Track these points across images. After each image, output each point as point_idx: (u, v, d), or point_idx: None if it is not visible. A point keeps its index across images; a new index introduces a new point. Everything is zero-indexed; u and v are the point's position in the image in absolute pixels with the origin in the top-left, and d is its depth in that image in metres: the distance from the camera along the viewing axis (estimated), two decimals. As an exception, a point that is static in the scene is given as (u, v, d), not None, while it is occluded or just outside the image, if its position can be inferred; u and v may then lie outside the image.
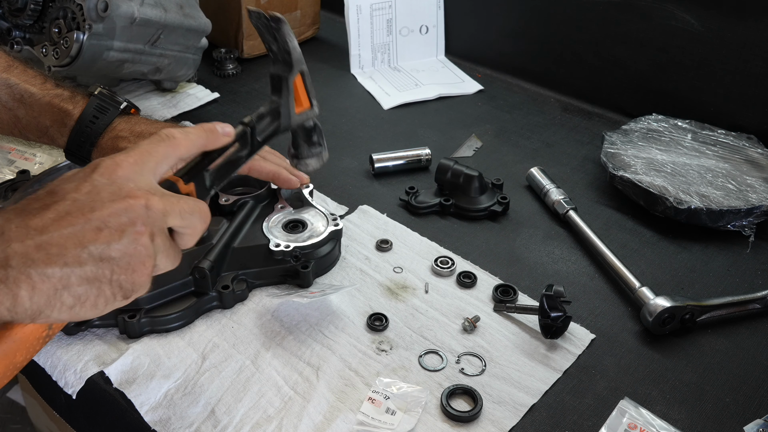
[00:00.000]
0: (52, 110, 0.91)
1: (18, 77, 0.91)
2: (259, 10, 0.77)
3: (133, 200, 0.54)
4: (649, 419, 0.73)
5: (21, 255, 0.50)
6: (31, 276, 0.49)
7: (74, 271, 0.51)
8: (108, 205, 0.53)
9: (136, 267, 0.54)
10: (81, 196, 0.53)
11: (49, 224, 0.51)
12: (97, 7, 1.04)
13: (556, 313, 0.81)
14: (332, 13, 1.63)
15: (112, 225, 0.53)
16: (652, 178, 1.04)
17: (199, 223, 0.60)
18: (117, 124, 0.91)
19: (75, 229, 0.52)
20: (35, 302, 0.50)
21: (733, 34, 1.16)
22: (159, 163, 0.59)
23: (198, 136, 0.64)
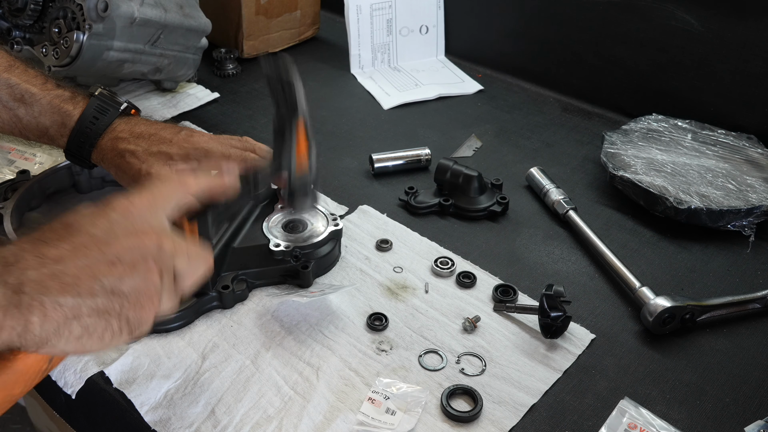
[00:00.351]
0: (53, 111, 0.91)
1: (19, 77, 0.91)
2: (274, 60, 0.81)
3: (146, 238, 0.56)
4: (649, 419, 0.73)
5: (35, 282, 0.50)
6: (44, 303, 0.50)
7: (86, 302, 0.52)
8: (122, 241, 0.55)
9: (144, 303, 0.55)
10: (97, 231, 0.55)
11: (64, 255, 0.53)
12: (97, 7, 1.04)
13: (556, 312, 0.81)
14: (332, 13, 1.63)
15: (125, 260, 0.54)
16: (652, 178, 1.04)
17: (201, 268, 0.62)
18: (117, 125, 0.91)
19: (90, 261, 0.53)
20: (45, 330, 0.50)
21: (733, 34, 1.16)
22: (170, 205, 0.62)
23: (207, 184, 0.68)
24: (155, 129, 0.91)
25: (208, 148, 0.89)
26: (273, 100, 0.83)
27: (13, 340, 0.49)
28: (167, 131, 0.91)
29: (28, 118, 0.91)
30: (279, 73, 0.80)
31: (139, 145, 0.89)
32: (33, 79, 0.92)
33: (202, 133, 0.93)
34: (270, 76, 0.82)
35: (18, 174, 1.00)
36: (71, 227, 0.55)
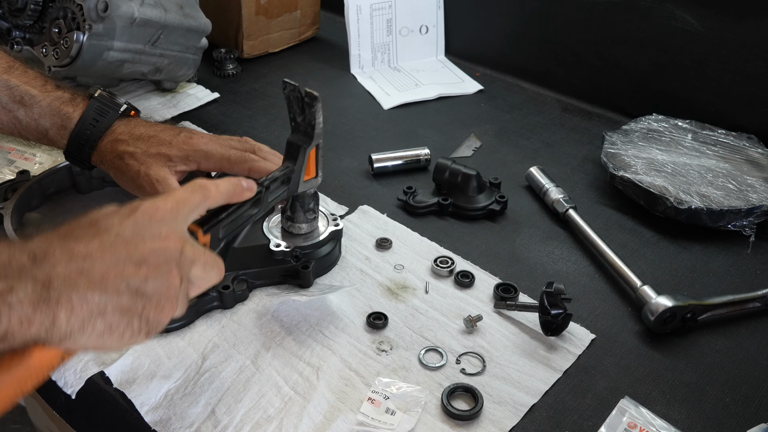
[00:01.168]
0: (52, 113, 0.91)
1: (18, 79, 0.91)
2: (296, 84, 0.81)
3: (170, 243, 0.57)
4: (649, 419, 0.73)
5: (64, 278, 0.51)
6: (71, 298, 0.51)
7: (111, 300, 0.53)
8: (148, 244, 0.56)
9: (164, 306, 0.57)
10: (125, 232, 0.56)
11: (93, 252, 0.54)
12: (97, 7, 1.04)
13: (556, 310, 0.81)
14: (332, 13, 1.63)
15: (150, 262, 0.56)
16: (653, 178, 1.04)
17: (214, 277, 0.63)
18: (116, 127, 0.91)
19: (117, 260, 0.54)
20: (71, 325, 0.51)
21: (733, 34, 1.16)
22: (192, 212, 0.63)
23: (227, 189, 0.68)
24: (155, 131, 0.91)
25: (208, 150, 0.89)
26: (290, 116, 0.84)
27: (40, 334, 0.50)
28: (167, 133, 0.91)
29: (27, 120, 0.91)
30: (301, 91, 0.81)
31: (138, 147, 0.89)
32: (33, 81, 0.92)
33: (202, 134, 0.93)
34: (290, 97, 0.82)
35: (18, 174, 1.00)
36: (99, 226, 0.56)
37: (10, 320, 0.48)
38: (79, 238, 0.55)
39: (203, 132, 0.97)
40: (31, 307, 0.49)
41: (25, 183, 0.96)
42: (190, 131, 0.93)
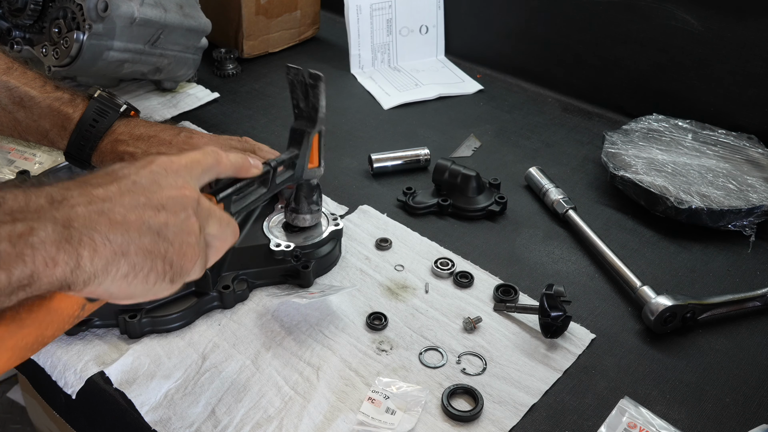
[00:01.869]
0: (52, 114, 0.91)
1: (18, 80, 0.91)
2: (298, 67, 0.81)
3: (188, 192, 0.58)
4: (649, 418, 0.73)
5: (84, 218, 0.51)
6: (93, 238, 0.50)
7: (134, 240, 0.53)
8: (166, 191, 0.56)
9: (187, 251, 0.56)
10: (142, 179, 0.56)
11: (112, 195, 0.54)
12: (97, 7, 1.04)
13: (556, 312, 0.81)
14: (332, 13, 1.63)
15: (169, 208, 0.56)
16: (653, 178, 1.04)
17: (230, 236, 0.63)
18: (116, 128, 0.91)
19: (137, 203, 0.54)
20: (95, 265, 0.50)
21: (733, 34, 1.16)
22: (204, 173, 0.63)
23: (236, 160, 0.69)
24: (155, 131, 0.91)
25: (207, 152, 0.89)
26: (293, 103, 0.84)
27: (66, 276, 0.49)
28: (166, 133, 0.91)
29: (27, 121, 0.91)
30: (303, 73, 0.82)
31: (138, 147, 0.89)
32: (32, 82, 0.92)
33: (201, 134, 0.93)
34: (294, 82, 0.83)
35: (18, 174, 1.00)
36: (116, 173, 0.56)
37: (34, 261, 0.47)
38: (97, 184, 0.54)
39: (203, 132, 0.97)
40: (54, 247, 0.48)
41: (25, 183, 0.96)
42: (190, 131, 0.93)
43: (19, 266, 0.46)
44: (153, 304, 0.82)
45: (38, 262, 0.47)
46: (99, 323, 0.82)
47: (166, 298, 0.83)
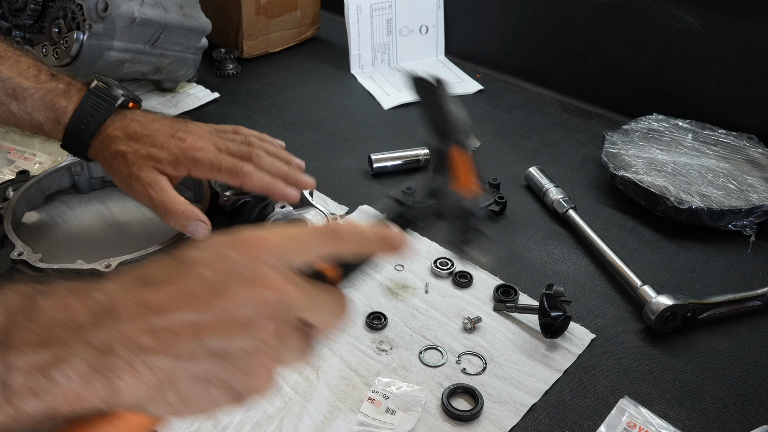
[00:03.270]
0: (46, 106, 0.86)
1: (10, 69, 0.86)
2: (424, 76, 0.70)
3: (266, 291, 0.46)
4: (649, 418, 0.73)
5: (129, 339, 0.43)
6: (135, 365, 0.43)
7: (183, 365, 0.44)
8: (236, 292, 0.46)
9: (254, 369, 0.46)
10: (210, 275, 0.46)
11: (167, 304, 0.45)
12: (97, 7, 1.04)
13: (556, 312, 0.81)
14: (332, 13, 1.63)
15: (236, 316, 0.45)
16: (653, 178, 1.04)
17: (337, 320, 0.51)
18: (111, 123, 0.86)
19: (195, 315, 0.45)
20: (135, 394, 0.43)
21: (733, 34, 1.16)
22: (306, 254, 0.50)
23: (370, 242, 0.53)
24: (150, 129, 0.85)
25: (198, 158, 0.83)
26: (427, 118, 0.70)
27: (98, 406, 0.42)
28: (161, 133, 0.85)
29: (21, 113, 0.86)
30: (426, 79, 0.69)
31: (130, 147, 0.84)
32: (26, 71, 0.86)
33: (199, 134, 0.87)
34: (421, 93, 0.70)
35: (18, 174, 1.00)
36: (182, 266, 0.47)
37: (54, 398, 0.41)
38: (156, 283, 0.45)
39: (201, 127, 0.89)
40: (81, 382, 0.41)
41: (25, 183, 0.96)
42: (186, 130, 0.87)
43: (29, 401, 0.40)
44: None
45: (58, 399, 0.41)
46: (99, 323, 0.82)
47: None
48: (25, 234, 0.96)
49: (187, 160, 0.83)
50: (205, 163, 0.83)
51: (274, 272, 0.47)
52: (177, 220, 0.81)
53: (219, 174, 0.84)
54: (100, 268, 0.81)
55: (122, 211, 1.02)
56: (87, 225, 0.99)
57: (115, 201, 1.04)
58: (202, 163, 0.83)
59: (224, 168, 0.84)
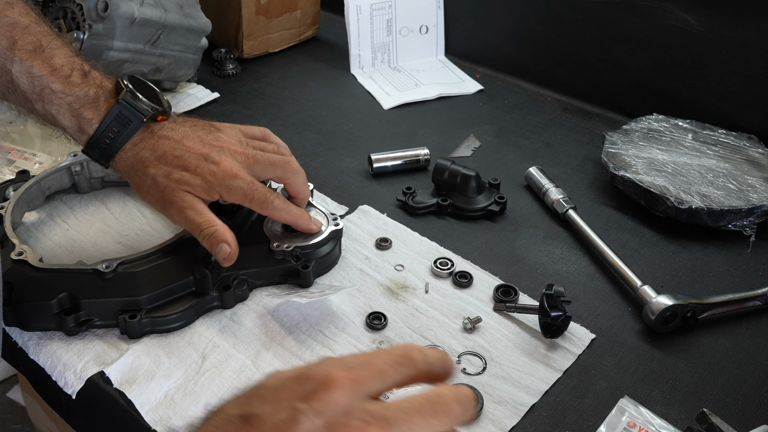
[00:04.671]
0: (72, 114, 0.82)
1: (42, 66, 0.80)
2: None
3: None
4: (649, 418, 0.73)
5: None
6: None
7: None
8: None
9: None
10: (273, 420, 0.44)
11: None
12: (97, 7, 1.04)
13: (556, 312, 0.81)
14: (332, 13, 1.63)
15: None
16: (653, 178, 1.04)
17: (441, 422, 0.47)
18: (138, 141, 0.82)
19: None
20: None
21: (733, 34, 1.16)
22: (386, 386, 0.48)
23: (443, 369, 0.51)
24: (181, 150, 0.82)
25: (232, 187, 0.82)
26: None
27: None
28: (193, 155, 0.82)
29: (44, 113, 0.83)
30: None
31: (160, 169, 0.81)
32: (59, 70, 0.81)
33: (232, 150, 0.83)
34: None
35: (18, 174, 1.00)
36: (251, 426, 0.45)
37: None
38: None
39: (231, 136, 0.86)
40: None
41: (25, 183, 0.96)
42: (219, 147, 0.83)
43: None
44: (153, 305, 0.82)
45: None
46: (99, 323, 0.82)
47: (166, 299, 0.83)
48: (25, 234, 0.96)
49: (221, 188, 0.82)
50: (238, 192, 0.82)
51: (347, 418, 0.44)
52: (207, 242, 0.82)
53: (250, 203, 0.84)
54: (100, 268, 0.81)
55: (122, 211, 1.02)
56: (87, 225, 0.99)
57: (115, 201, 1.04)
58: (235, 192, 0.82)
59: (256, 199, 0.83)
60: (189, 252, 0.85)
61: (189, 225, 0.82)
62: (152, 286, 0.82)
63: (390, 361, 0.48)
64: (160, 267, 0.83)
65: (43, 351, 0.81)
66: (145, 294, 0.81)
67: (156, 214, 1.01)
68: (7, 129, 1.14)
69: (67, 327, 0.81)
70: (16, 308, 0.80)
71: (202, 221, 0.81)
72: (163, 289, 0.83)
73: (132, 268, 0.82)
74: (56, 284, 0.81)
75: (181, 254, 0.85)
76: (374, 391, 0.46)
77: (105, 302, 0.81)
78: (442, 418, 0.46)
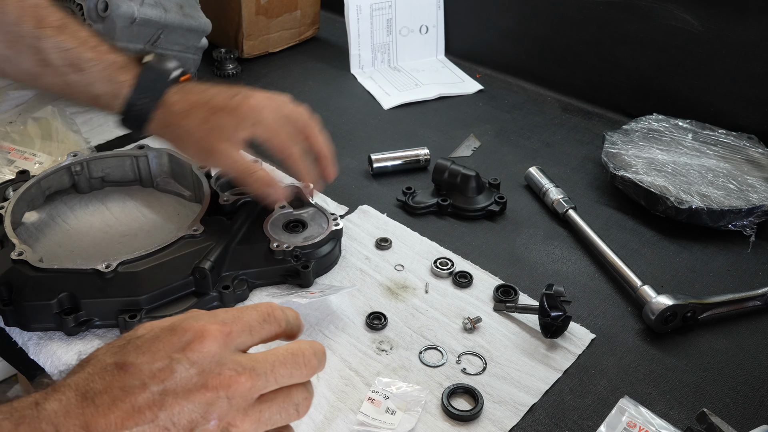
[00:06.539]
0: (105, 80, 0.86)
1: (71, 40, 0.85)
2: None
3: (212, 393, 0.47)
4: (649, 418, 0.73)
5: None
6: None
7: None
8: (182, 398, 0.46)
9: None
10: (156, 386, 0.46)
11: (115, 426, 0.44)
12: (97, 7, 1.04)
13: (556, 312, 0.81)
14: (332, 13, 1.63)
15: (181, 424, 0.46)
16: (653, 178, 1.04)
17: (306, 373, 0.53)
18: (169, 97, 0.86)
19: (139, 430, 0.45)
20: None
21: (733, 34, 1.16)
22: (254, 341, 0.53)
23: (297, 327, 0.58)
24: (208, 96, 0.87)
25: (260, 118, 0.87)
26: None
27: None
28: (221, 97, 0.87)
29: (78, 85, 0.86)
30: None
31: (194, 116, 0.85)
32: (86, 41, 0.85)
33: (257, 94, 0.90)
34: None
35: (18, 174, 1.00)
36: (127, 374, 0.46)
37: None
38: (98, 399, 0.45)
39: (259, 92, 0.92)
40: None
41: (25, 183, 0.96)
42: (246, 92, 0.89)
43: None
44: (153, 305, 0.82)
45: None
46: (99, 323, 0.82)
47: (166, 298, 0.83)
48: (25, 234, 0.96)
49: (251, 117, 0.86)
50: (267, 122, 0.87)
51: (222, 365, 0.48)
52: (255, 185, 0.88)
53: (276, 139, 0.88)
54: (100, 268, 0.81)
55: (122, 211, 1.02)
56: (87, 225, 0.99)
57: (115, 201, 1.04)
58: (263, 122, 0.87)
59: (282, 137, 0.88)
60: (189, 252, 0.85)
61: (234, 170, 0.88)
62: (152, 286, 0.82)
63: (258, 317, 0.53)
64: (160, 267, 0.83)
65: (43, 351, 0.81)
66: (145, 294, 0.81)
67: (156, 214, 1.01)
68: (7, 129, 1.14)
69: (67, 327, 0.81)
70: (16, 308, 0.80)
71: (247, 168, 0.87)
72: (163, 289, 0.83)
73: (132, 268, 0.82)
74: (56, 284, 0.80)
75: (181, 254, 0.85)
76: (243, 344, 0.51)
77: (105, 302, 0.81)
78: (302, 369, 0.52)
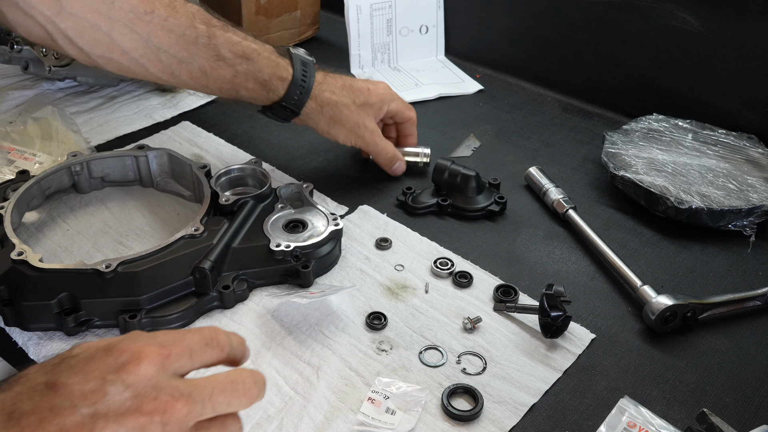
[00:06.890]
0: (271, 65, 0.97)
1: (236, 35, 0.96)
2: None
3: (146, 417, 0.45)
4: (649, 418, 0.73)
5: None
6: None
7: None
8: (113, 422, 0.44)
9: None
10: (86, 408, 0.44)
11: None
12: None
13: (556, 312, 0.81)
14: (332, 13, 1.63)
15: None
16: (653, 178, 1.04)
17: (244, 401, 0.52)
18: (320, 78, 1.01)
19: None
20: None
21: (733, 34, 1.16)
22: (194, 366, 0.51)
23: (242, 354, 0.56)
24: (347, 81, 1.04)
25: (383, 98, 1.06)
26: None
27: None
28: (355, 81, 1.05)
29: (248, 73, 0.96)
30: None
31: (346, 97, 1.01)
32: (246, 35, 0.98)
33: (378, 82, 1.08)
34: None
35: (18, 174, 1.00)
36: (56, 397, 0.44)
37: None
38: (24, 420, 0.43)
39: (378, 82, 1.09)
40: None
41: (24, 183, 0.96)
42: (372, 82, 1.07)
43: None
44: (153, 304, 0.82)
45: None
46: (99, 323, 0.82)
47: (166, 298, 0.83)
48: (25, 234, 0.96)
49: (383, 101, 1.06)
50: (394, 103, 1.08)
51: (157, 389, 0.46)
52: (388, 161, 1.08)
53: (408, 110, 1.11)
54: (100, 268, 0.81)
55: (122, 211, 1.02)
56: (87, 225, 0.99)
57: (115, 201, 1.04)
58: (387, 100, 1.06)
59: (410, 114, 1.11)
60: (189, 252, 0.85)
61: (375, 147, 1.06)
62: (152, 286, 0.82)
63: (200, 341, 0.51)
64: (160, 267, 0.83)
65: (43, 351, 0.81)
66: (145, 294, 0.81)
67: (156, 214, 1.01)
68: (7, 129, 1.14)
69: (67, 327, 0.81)
70: (16, 308, 0.80)
71: (384, 144, 1.07)
72: (163, 289, 0.83)
73: (132, 268, 0.82)
74: (56, 284, 0.81)
75: (181, 254, 0.85)
76: (182, 368, 0.50)
77: (105, 302, 0.81)
78: (241, 398, 0.51)
